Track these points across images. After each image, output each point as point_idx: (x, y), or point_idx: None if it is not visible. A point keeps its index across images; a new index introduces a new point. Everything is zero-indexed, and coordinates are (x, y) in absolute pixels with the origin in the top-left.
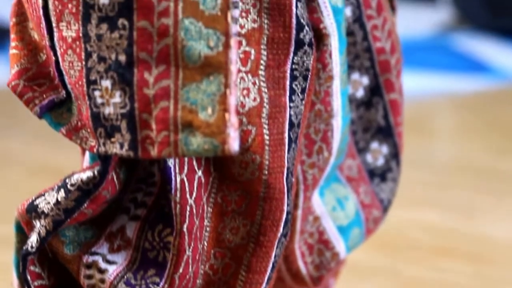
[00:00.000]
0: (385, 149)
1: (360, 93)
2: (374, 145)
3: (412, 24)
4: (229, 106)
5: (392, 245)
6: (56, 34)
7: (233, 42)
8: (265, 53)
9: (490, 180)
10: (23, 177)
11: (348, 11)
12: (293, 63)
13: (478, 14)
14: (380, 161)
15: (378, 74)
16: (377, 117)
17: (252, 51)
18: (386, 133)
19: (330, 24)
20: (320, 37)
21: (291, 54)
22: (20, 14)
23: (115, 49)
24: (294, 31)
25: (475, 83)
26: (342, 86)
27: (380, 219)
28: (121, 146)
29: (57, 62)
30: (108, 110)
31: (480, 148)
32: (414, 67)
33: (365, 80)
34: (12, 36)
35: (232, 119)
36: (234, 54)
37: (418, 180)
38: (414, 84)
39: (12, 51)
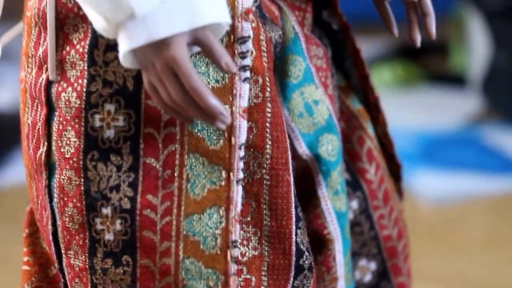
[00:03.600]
0: None
1: (367, 277)
2: None
3: (440, 113)
4: None
5: None
6: (64, 260)
7: (232, 281)
8: (265, 279)
9: None
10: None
11: (354, 204)
12: (293, 286)
13: (508, 107)
14: None
15: (385, 260)
16: None
17: (253, 278)
18: None
19: (334, 229)
20: (324, 242)
21: (291, 279)
22: (33, 224)
23: (119, 284)
24: (294, 258)
25: (506, 184)
26: (348, 284)
27: None
28: None
29: (65, 284)
30: None
31: (510, 262)
32: (442, 166)
33: (373, 266)
34: (24, 249)
35: None
36: None
37: None
38: (441, 186)
39: (24, 267)
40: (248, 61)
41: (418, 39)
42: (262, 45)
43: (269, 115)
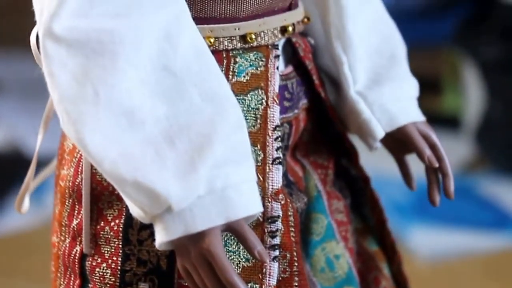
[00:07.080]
0: None
1: None
2: None
3: None
4: None
5: None
6: None
7: None
8: None
9: None
10: None
11: None
12: None
13: (501, 157)
14: None
15: None
16: None
17: None
18: None
19: None
20: None
21: None
22: None
23: None
24: None
25: (501, 240)
26: None
27: None
28: None
29: None
30: None
31: None
32: (436, 220)
33: None
34: None
35: None
36: None
37: None
38: (436, 242)
39: None
40: (277, 240)
41: (437, 200)
42: (290, 221)
43: None
